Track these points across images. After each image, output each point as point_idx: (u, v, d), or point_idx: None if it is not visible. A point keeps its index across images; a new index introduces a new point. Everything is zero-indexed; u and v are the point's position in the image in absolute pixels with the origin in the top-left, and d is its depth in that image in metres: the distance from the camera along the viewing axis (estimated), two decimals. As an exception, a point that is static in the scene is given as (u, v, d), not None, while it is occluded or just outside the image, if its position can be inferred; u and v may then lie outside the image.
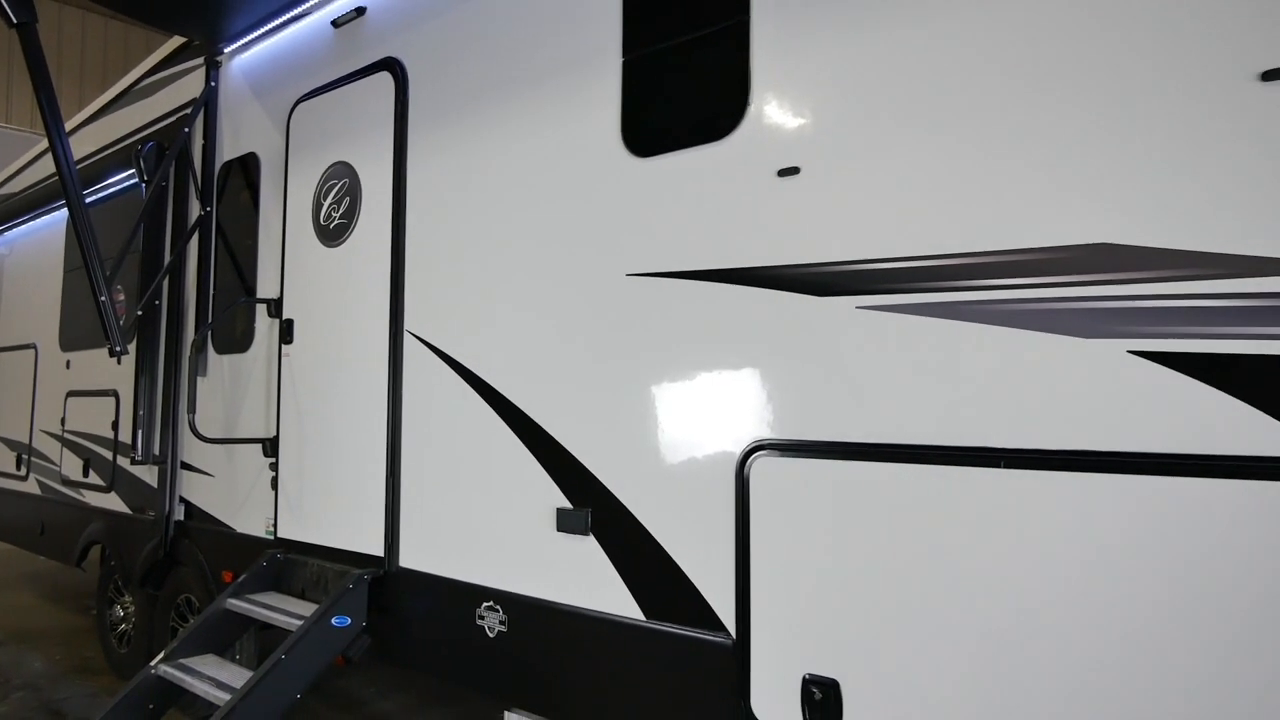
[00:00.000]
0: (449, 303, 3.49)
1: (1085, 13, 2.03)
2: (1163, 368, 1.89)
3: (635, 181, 2.88)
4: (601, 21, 3.01)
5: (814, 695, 2.35)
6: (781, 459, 2.47)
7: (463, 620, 3.27)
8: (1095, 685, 1.94)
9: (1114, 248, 1.95)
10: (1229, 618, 1.79)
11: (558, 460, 3.02)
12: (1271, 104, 1.79)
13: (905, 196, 2.28)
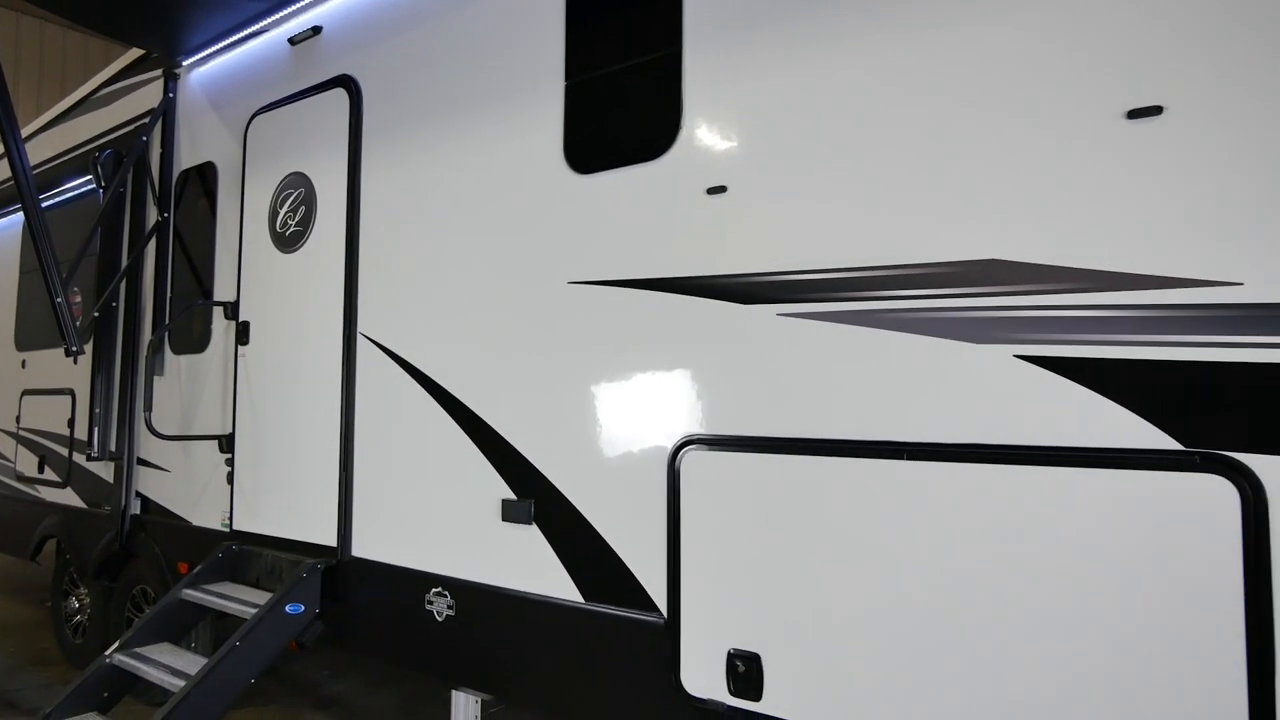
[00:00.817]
0: (401, 307, 3.43)
1: (981, 58, 2.11)
2: (1044, 370, 1.97)
3: (577, 196, 2.87)
4: (546, 48, 3.00)
5: (738, 667, 2.38)
6: (709, 452, 2.50)
7: (412, 606, 3.22)
8: (986, 649, 2.01)
9: (1002, 263, 2.03)
10: (1102, 589, 1.87)
11: (503, 455, 3.00)
12: (1136, 139, 1.89)
13: (821, 215, 2.33)
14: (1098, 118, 1.93)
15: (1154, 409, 1.83)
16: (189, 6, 4.08)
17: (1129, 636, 1.83)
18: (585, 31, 2.92)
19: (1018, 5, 2.05)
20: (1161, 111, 1.85)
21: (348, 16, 3.77)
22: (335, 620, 3.54)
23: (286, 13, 4.03)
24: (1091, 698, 1.87)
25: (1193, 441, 1.79)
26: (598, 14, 2.89)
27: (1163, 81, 1.85)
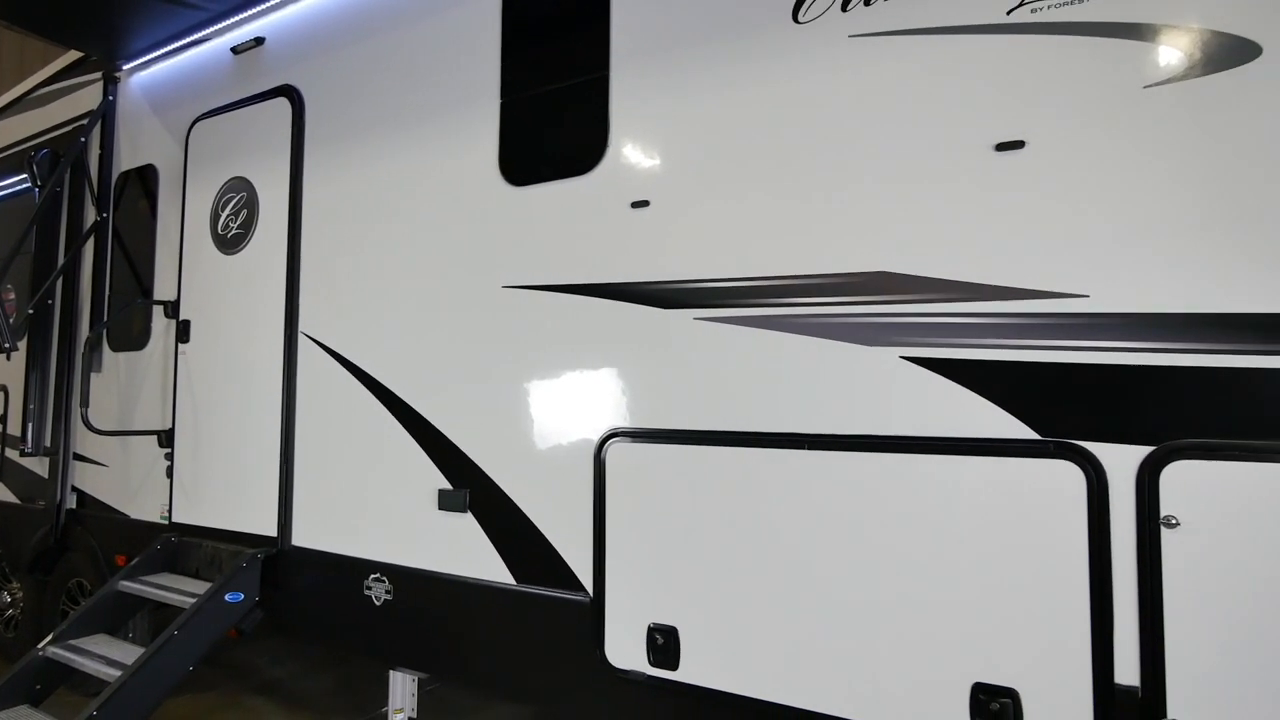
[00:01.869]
0: (342, 307, 3.32)
1: (876, 95, 2.19)
2: (926, 370, 2.06)
3: (510, 206, 2.85)
4: (482, 67, 2.96)
5: (657, 640, 2.41)
6: (632, 444, 2.52)
7: (351, 591, 3.12)
8: (877, 615, 2.09)
9: (890, 275, 2.11)
10: (975, 559, 1.97)
11: (440, 447, 2.95)
12: (1002, 169, 1.99)
13: (733, 228, 2.38)
14: (972, 149, 2.03)
15: (1017, 404, 1.94)
16: (130, 14, 3.85)
17: (997, 597, 1.94)
18: (520, 53, 2.89)
19: (904, 49, 2.14)
20: (1024, 145, 1.96)
21: (291, 29, 3.64)
22: (275, 607, 3.40)
23: (229, 23, 3.85)
24: (965, 652, 1.97)
25: (1048, 431, 1.90)
26: (531, 37, 2.87)
27: (1025, 119, 1.97)
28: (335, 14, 3.47)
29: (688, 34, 2.52)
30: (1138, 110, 1.84)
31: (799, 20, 2.30)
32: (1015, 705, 1.90)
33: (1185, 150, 1.79)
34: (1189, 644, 1.74)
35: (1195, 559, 1.74)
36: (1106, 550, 1.82)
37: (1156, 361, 1.80)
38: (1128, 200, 1.84)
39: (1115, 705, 1.80)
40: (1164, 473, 1.78)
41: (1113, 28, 1.86)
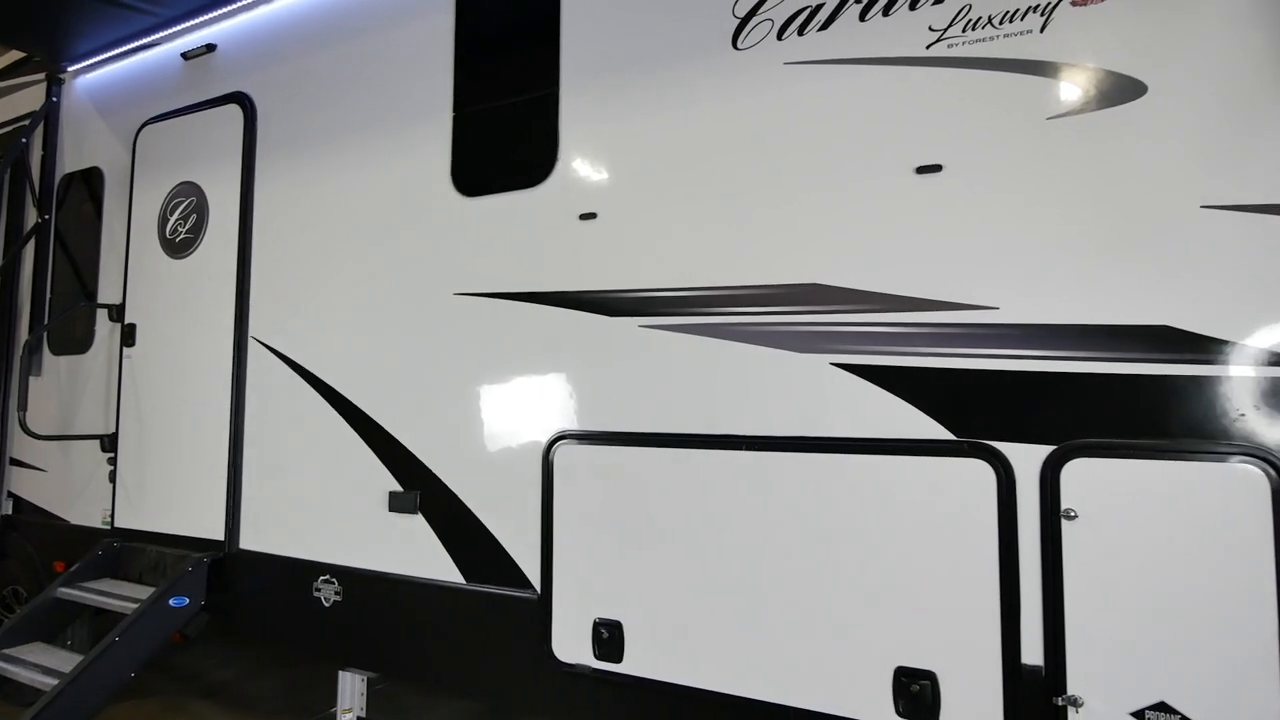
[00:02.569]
0: (293, 313, 3.22)
1: (811, 119, 2.24)
2: (854, 375, 2.12)
3: (462, 216, 2.81)
4: (436, 80, 2.92)
5: (602, 634, 2.40)
6: (579, 446, 2.51)
7: (300, 593, 3.02)
8: (810, 604, 2.13)
9: (821, 287, 2.16)
10: (898, 550, 2.03)
11: (391, 450, 2.88)
12: (922, 190, 2.06)
13: (676, 241, 2.40)
14: (895, 171, 2.10)
15: (935, 407, 2.01)
16: (75, 16, 3.66)
17: (917, 586, 2.00)
18: (472, 68, 2.87)
19: (835, 77, 2.20)
20: (941, 169, 2.04)
21: (244, 37, 3.52)
22: (222, 611, 3.26)
23: (180, 29, 3.70)
24: (888, 638, 2.02)
25: (962, 432, 1.98)
26: (484, 53, 2.85)
27: (942, 145, 2.04)
28: (289, 24, 3.38)
29: (635, 56, 2.53)
30: (1041, 140, 1.93)
31: (738, 47, 2.34)
32: (933, 686, 1.96)
33: (1083, 177, 1.89)
34: (1086, 626, 1.83)
35: (1091, 548, 1.83)
36: (1014, 541, 1.90)
37: (1058, 368, 1.89)
38: (1033, 221, 1.93)
39: (1022, 684, 1.88)
40: (1064, 470, 1.86)
41: (1019, 64, 1.96)
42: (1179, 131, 1.81)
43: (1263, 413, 1.71)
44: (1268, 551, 1.67)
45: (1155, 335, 1.80)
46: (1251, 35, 1.76)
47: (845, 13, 2.18)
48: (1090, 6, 1.90)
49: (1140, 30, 1.85)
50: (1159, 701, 1.76)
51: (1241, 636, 1.69)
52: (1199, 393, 1.76)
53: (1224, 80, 1.78)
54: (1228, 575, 1.71)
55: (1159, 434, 1.79)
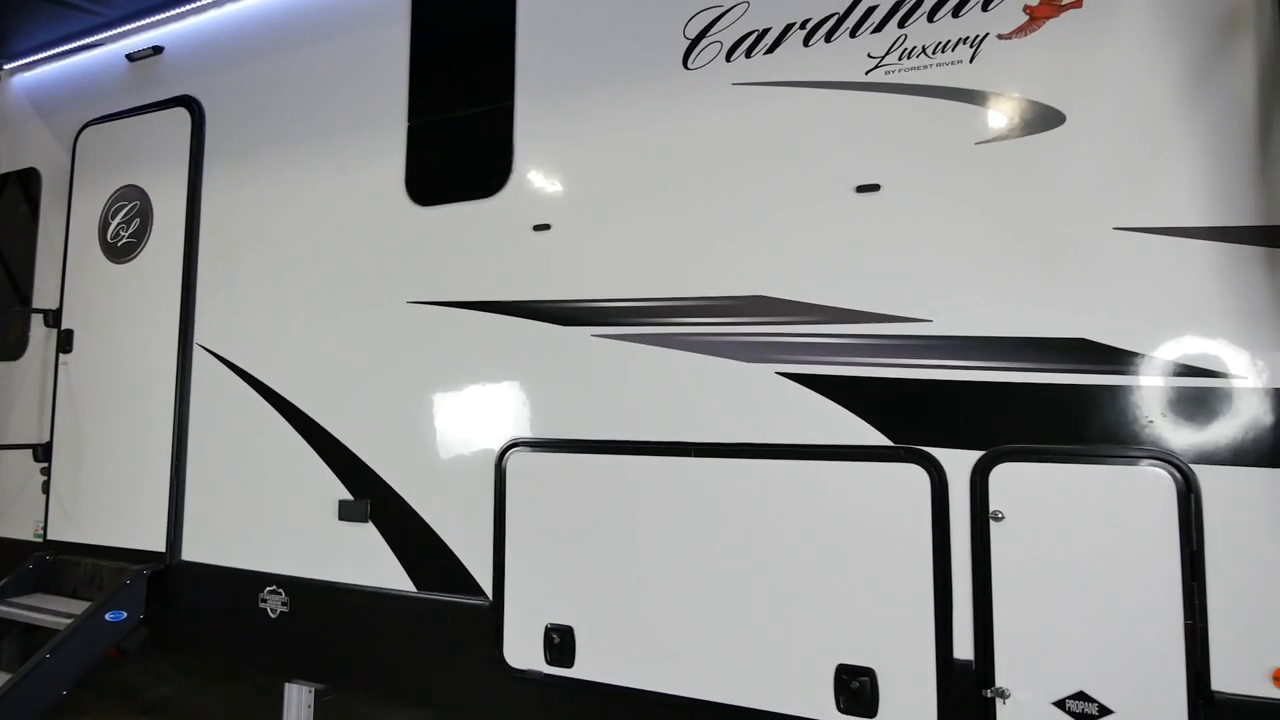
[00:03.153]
0: (241, 319, 3.13)
1: (756, 140, 2.29)
2: (797, 384, 2.17)
3: (416, 225, 2.78)
4: (390, 90, 2.89)
5: (554, 639, 2.39)
6: (532, 453, 2.50)
7: (246, 605, 2.92)
8: (756, 604, 2.16)
9: (766, 299, 2.21)
10: (841, 550, 2.08)
11: (341, 459, 2.82)
12: (862, 208, 2.13)
13: (629, 253, 2.42)
14: (836, 189, 2.17)
15: (873, 414, 2.08)
16: (12, 13, 3.50)
17: (857, 586, 2.05)
18: (427, 79, 2.85)
19: (780, 98, 2.26)
20: (879, 188, 2.11)
21: (193, 40, 3.42)
22: (162, 624, 3.13)
23: (124, 30, 3.57)
24: (830, 637, 2.07)
25: (898, 438, 2.05)
26: (439, 65, 2.83)
27: (880, 165, 2.12)
28: (241, 29, 3.29)
29: (588, 72, 2.56)
30: (971, 163, 2.02)
31: (689, 67, 2.38)
32: (872, 682, 2.01)
33: (1008, 199, 1.99)
34: (1012, 621, 1.91)
35: (1017, 548, 1.91)
36: (946, 542, 1.97)
37: (986, 378, 1.97)
38: (963, 239, 2.02)
39: (954, 677, 1.94)
40: (992, 473, 1.94)
41: (951, 91, 2.05)
42: (1094, 158, 1.92)
43: (1169, 419, 1.82)
44: (1174, 548, 1.78)
45: (1073, 347, 1.90)
46: (1159, 70, 1.88)
47: (790, 38, 2.25)
48: (1015, 40, 2.00)
49: (1060, 63, 1.96)
50: (1078, 691, 1.84)
51: (1151, 627, 1.78)
52: (1112, 401, 1.86)
53: (1135, 111, 1.90)
54: (1139, 570, 1.80)
55: (1077, 439, 1.89)
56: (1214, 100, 1.83)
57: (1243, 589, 1.74)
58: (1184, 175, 1.84)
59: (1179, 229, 1.83)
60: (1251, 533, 1.74)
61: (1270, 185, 1.77)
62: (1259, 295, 1.76)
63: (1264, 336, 1.75)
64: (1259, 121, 1.79)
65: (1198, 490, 1.77)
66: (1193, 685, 1.75)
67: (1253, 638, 1.73)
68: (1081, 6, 1.94)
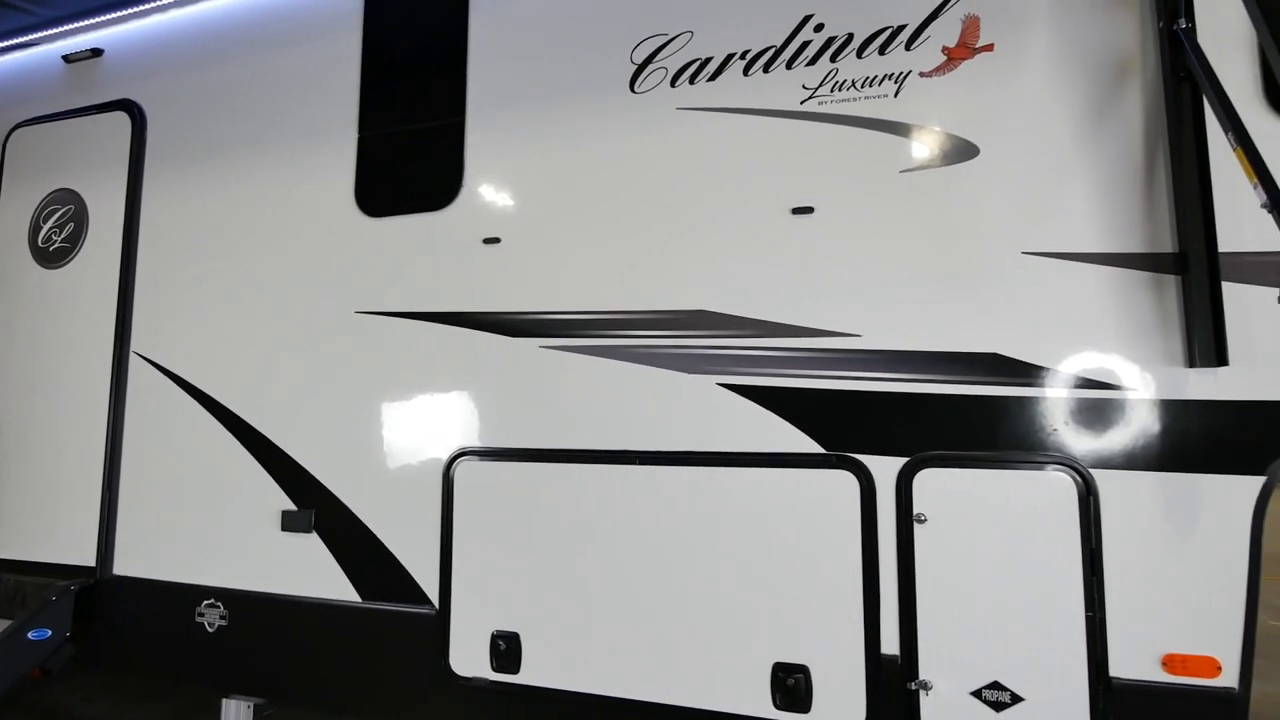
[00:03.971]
0: (182, 327, 3.02)
1: (696, 157, 2.36)
2: (736, 395, 2.24)
3: (366, 236, 2.76)
4: (341, 102, 2.86)
5: (500, 646, 2.39)
6: (480, 462, 2.50)
7: (181, 619, 2.81)
8: (698, 608, 2.20)
9: (707, 313, 2.28)
10: (778, 552, 2.15)
11: (285, 469, 2.75)
12: (797, 229, 2.23)
13: (576, 267, 2.46)
14: (773, 211, 2.25)
15: (808, 423, 2.16)
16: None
17: (792, 587, 2.12)
18: (379, 91, 2.83)
19: (722, 123, 2.34)
20: (813, 211, 2.21)
21: (135, 44, 3.31)
22: (91, 641, 2.97)
23: (61, 30, 3.43)
24: (767, 637, 2.13)
25: (830, 446, 2.13)
26: (391, 78, 2.82)
27: (814, 189, 2.22)
28: (186, 34, 3.21)
29: (539, 91, 2.59)
30: (895, 189, 2.14)
31: (635, 90, 2.45)
32: (807, 679, 2.08)
33: (929, 223, 2.11)
34: (934, 617, 2.00)
35: (938, 548, 2.02)
36: (874, 543, 2.06)
37: (910, 389, 2.08)
38: (889, 260, 2.13)
39: (881, 672, 2.03)
40: (916, 479, 2.05)
41: (877, 123, 2.16)
42: (1004, 188, 2.06)
43: (1071, 428, 1.95)
44: (1075, 546, 1.91)
45: (986, 361, 2.02)
46: (1061, 109, 2.03)
47: (731, 67, 2.34)
48: (934, 78, 2.13)
49: (974, 101, 2.10)
50: (993, 681, 1.95)
51: (1056, 619, 1.91)
52: (1021, 411, 1.99)
53: (1039, 146, 2.04)
54: (1045, 567, 1.93)
55: (991, 446, 2.01)
56: (1108, 138, 1.99)
57: (1136, 583, 1.88)
58: (1082, 205, 1.99)
59: (1079, 254, 1.98)
60: (1143, 531, 1.88)
61: (1154, 216, 1.93)
62: (1147, 315, 1.92)
63: (1151, 352, 1.91)
64: (1145, 159, 1.96)
65: (1096, 492, 1.91)
66: (1093, 672, 1.88)
67: (1145, 627, 1.87)
68: (993, 50, 2.09)
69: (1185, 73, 1.88)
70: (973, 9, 2.12)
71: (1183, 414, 1.87)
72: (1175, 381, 1.88)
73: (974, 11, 2.11)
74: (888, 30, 2.18)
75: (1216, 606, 1.81)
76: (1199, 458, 1.85)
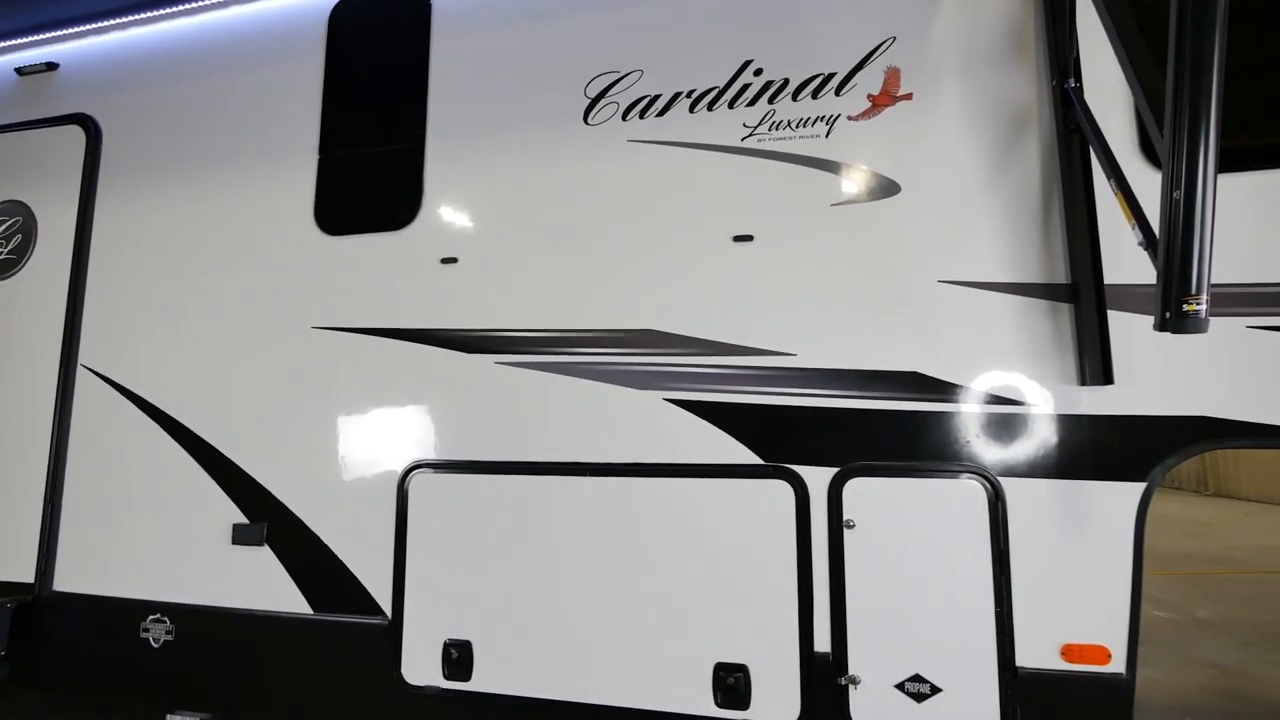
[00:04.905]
0: (134, 341, 2.98)
1: (646, 187, 2.49)
2: (683, 410, 2.35)
3: (324, 253, 2.79)
4: (302, 123, 2.91)
5: (452, 655, 2.42)
6: (435, 475, 2.54)
7: (126, 635, 2.75)
8: (649, 611, 2.29)
9: (655, 332, 2.40)
10: (720, 558, 2.26)
11: (237, 482, 2.74)
12: (738, 255, 2.37)
13: (531, 287, 2.55)
14: (716, 238, 2.39)
15: (748, 436, 2.29)
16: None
17: (732, 590, 2.23)
18: (340, 113, 2.88)
19: (669, 155, 2.48)
20: (753, 239, 2.36)
21: (93, 59, 3.28)
22: (30, 660, 2.87)
23: (15, 43, 3.38)
24: (708, 638, 2.23)
25: (769, 457, 2.26)
26: (352, 101, 2.88)
27: (753, 219, 2.37)
28: (146, 52, 3.20)
29: (498, 120, 2.69)
30: (827, 221, 2.31)
31: (589, 122, 2.57)
32: (746, 677, 2.19)
33: (857, 253, 2.28)
34: (862, 616, 2.14)
35: (865, 551, 2.16)
36: (808, 548, 2.19)
37: (840, 404, 2.23)
38: (822, 285, 2.29)
39: (814, 668, 2.15)
40: (845, 487, 2.19)
41: (810, 160, 2.34)
42: (923, 222, 2.24)
43: (982, 440, 2.13)
44: (986, 547, 2.07)
45: (908, 379, 2.19)
46: (971, 153, 2.24)
47: (678, 104, 2.49)
48: (861, 121, 2.32)
49: (896, 143, 2.29)
50: (915, 674, 2.09)
51: (970, 614, 2.06)
52: (939, 425, 2.16)
53: (952, 185, 2.24)
54: (959, 566, 2.09)
55: (912, 457, 2.17)
56: (1011, 181, 2.20)
57: (1038, 579, 2.05)
58: (989, 240, 2.19)
59: (987, 283, 2.17)
60: (1043, 532, 2.06)
61: (1050, 251, 2.14)
62: (1046, 338, 2.12)
63: (1050, 372, 2.10)
64: (1042, 200, 2.17)
65: (1004, 498, 2.09)
66: (1002, 663, 2.03)
67: (1046, 620, 2.04)
68: (912, 99, 2.29)
69: (1075, 126, 2.10)
70: (895, 61, 2.32)
71: (1076, 427, 2.07)
72: (1070, 398, 2.08)
73: (896, 64, 2.31)
74: (820, 76, 2.37)
75: (1107, 600, 2.00)
76: (1090, 466, 2.04)
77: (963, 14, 2.30)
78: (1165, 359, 2.03)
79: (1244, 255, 1.99)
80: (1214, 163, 1.48)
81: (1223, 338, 1.99)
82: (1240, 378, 1.99)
